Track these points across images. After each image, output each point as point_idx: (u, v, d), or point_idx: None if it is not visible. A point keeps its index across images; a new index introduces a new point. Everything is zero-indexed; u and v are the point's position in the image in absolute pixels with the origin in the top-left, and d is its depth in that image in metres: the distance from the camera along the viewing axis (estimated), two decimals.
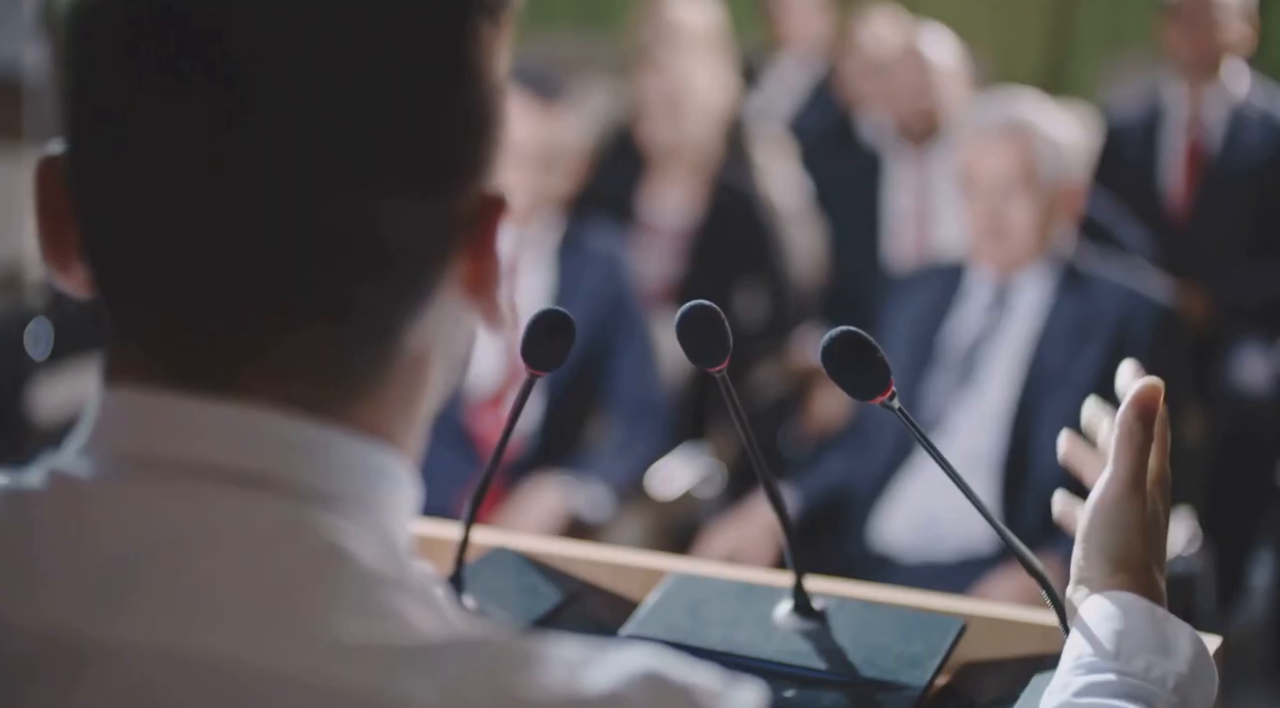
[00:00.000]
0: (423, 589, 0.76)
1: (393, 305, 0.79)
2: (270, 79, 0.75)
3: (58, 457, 0.80)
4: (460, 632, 0.74)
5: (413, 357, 0.81)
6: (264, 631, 0.72)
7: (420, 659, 0.72)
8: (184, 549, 0.74)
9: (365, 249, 0.77)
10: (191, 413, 0.77)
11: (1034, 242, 3.03)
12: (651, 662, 0.74)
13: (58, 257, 0.81)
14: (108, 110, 0.77)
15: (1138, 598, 1.14)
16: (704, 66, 4.42)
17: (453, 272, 0.81)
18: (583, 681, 0.72)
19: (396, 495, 0.81)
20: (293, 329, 0.77)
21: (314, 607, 0.73)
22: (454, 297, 0.82)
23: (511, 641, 0.74)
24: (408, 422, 0.83)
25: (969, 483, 1.25)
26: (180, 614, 0.73)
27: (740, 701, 0.75)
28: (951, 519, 2.98)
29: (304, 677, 0.71)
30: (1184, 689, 1.10)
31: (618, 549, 1.59)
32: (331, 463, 0.78)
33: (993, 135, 3.06)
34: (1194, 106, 4.27)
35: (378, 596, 0.74)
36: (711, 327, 1.23)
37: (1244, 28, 4.28)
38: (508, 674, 0.72)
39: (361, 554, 0.75)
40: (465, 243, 0.81)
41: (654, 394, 3.44)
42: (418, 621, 0.74)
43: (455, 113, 0.79)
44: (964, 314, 3.13)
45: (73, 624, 0.73)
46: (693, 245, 4.18)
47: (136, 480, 0.76)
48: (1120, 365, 1.29)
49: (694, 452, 3.77)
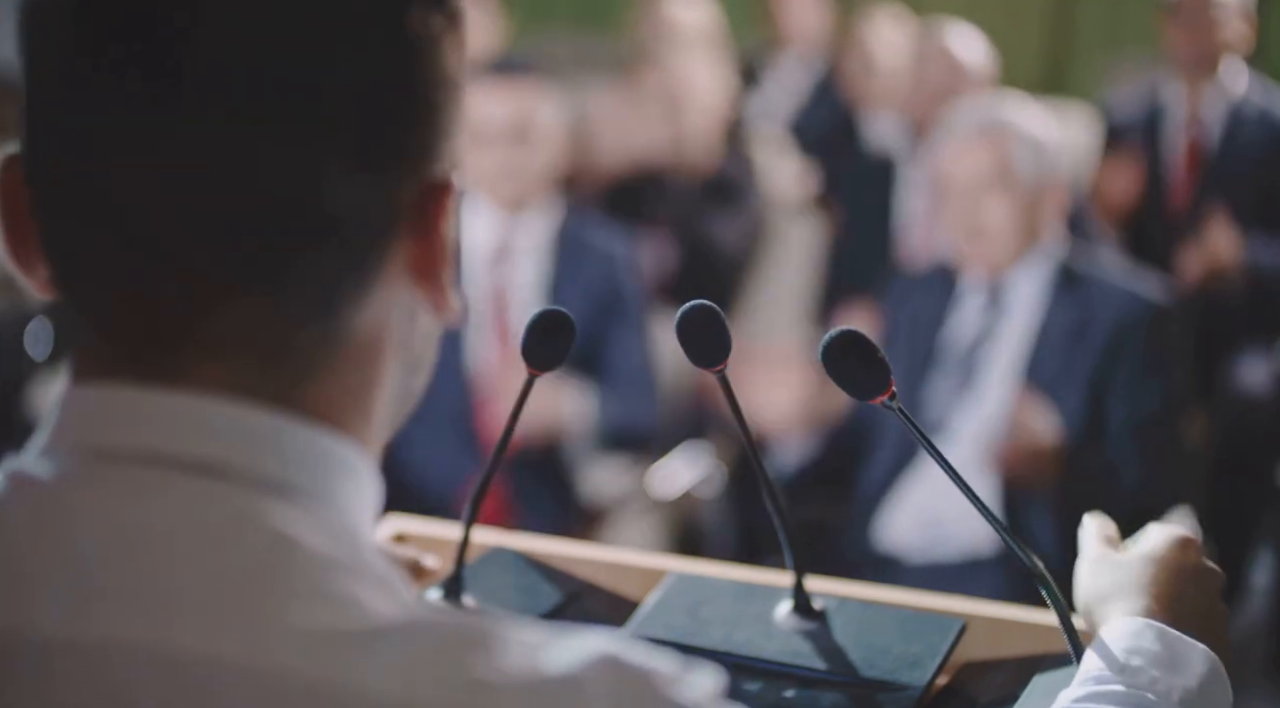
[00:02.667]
0: (378, 574, 0.76)
1: (332, 280, 0.79)
2: (218, 53, 0.76)
3: (19, 457, 0.80)
4: (416, 615, 0.74)
5: (361, 343, 0.81)
6: (219, 622, 0.72)
7: (375, 643, 0.72)
8: (138, 544, 0.75)
9: (304, 218, 0.78)
10: (143, 403, 0.78)
11: (1015, 241, 3.04)
12: (609, 646, 0.74)
13: (22, 257, 0.82)
14: (54, 97, 0.78)
15: (1150, 621, 1.15)
16: (702, 66, 4.43)
17: (397, 255, 0.81)
18: (541, 662, 0.72)
19: (350, 484, 0.81)
20: (232, 302, 0.78)
21: (267, 596, 0.73)
22: (401, 283, 0.82)
23: (468, 622, 0.74)
24: (361, 412, 0.83)
25: (971, 484, 1.25)
26: (137, 609, 0.73)
27: (698, 685, 0.75)
28: (955, 520, 2.98)
29: (260, 667, 0.71)
30: (1191, 703, 1.11)
31: (618, 549, 1.59)
32: (282, 451, 0.78)
33: (967, 137, 3.07)
34: (1193, 105, 4.27)
35: (331, 582, 0.74)
36: (711, 327, 1.23)
37: (1243, 27, 4.29)
38: (464, 655, 0.72)
39: (311, 542, 0.75)
40: (410, 226, 0.81)
41: (647, 379, 3.43)
42: (372, 605, 0.74)
43: (399, 96, 0.80)
44: (961, 316, 3.14)
45: (34, 623, 0.74)
46: (691, 243, 4.18)
47: (92, 476, 0.77)
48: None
49: (694, 452, 3.77)
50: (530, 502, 3.25)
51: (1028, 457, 2.92)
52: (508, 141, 3.29)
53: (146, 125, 0.76)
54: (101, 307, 0.79)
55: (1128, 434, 2.95)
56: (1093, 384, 2.96)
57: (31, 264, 0.82)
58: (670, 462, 3.66)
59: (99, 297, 0.79)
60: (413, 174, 0.81)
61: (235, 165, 0.76)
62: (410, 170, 0.81)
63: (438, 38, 0.81)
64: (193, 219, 0.77)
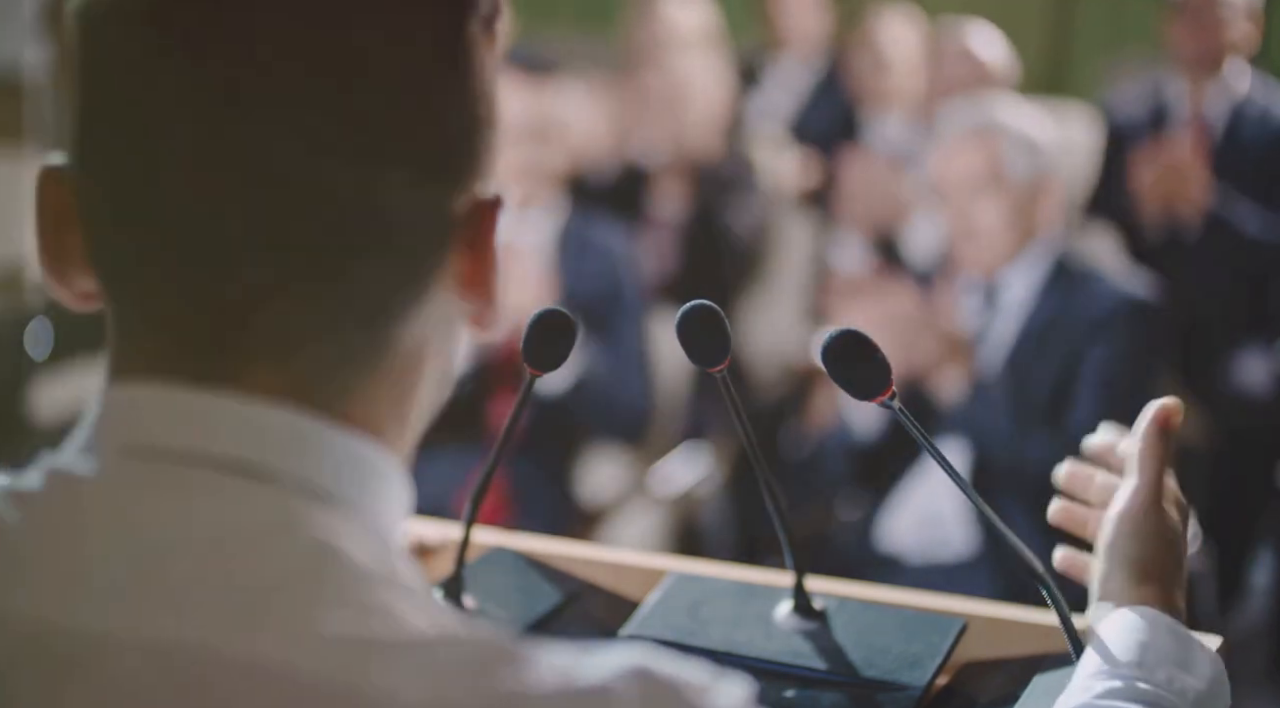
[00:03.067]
0: (414, 588, 0.77)
1: (388, 289, 0.80)
2: (277, 53, 0.76)
3: (58, 455, 0.80)
4: (451, 630, 0.74)
5: (407, 353, 0.82)
6: (256, 625, 0.73)
7: (408, 654, 0.72)
8: (177, 546, 0.75)
9: (363, 225, 0.78)
10: (192, 404, 0.78)
11: (1007, 242, 3.05)
12: (641, 658, 0.74)
13: (58, 268, 0.82)
14: (117, 102, 0.78)
15: (1162, 614, 1.14)
16: (701, 66, 4.43)
17: (449, 268, 0.82)
18: (571, 675, 0.73)
19: (387, 494, 0.82)
20: (286, 304, 0.78)
21: (306, 602, 0.73)
22: (449, 295, 0.83)
23: (501, 640, 0.75)
24: (399, 421, 0.83)
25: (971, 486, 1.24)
26: (171, 611, 0.73)
27: (729, 694, 0.75)
28: (956, 520, 2.98)
29: (293, 672, 0.71)
30: (1202, 705, 1.10)
31: (618, 549, 1.59)
32: (326, 458, 0.79)
33: (958, 139, 3.08)
34: (1196, 103, 4.27)
35: (368, 592, 0.74)
36: (711, 326, 1.23)
37: (1248, 27, 4.29)
38: (496, 670, 0.72)
39: (353, 552, 0.76)
40: (462, 240, 0.82)
41: (639, 365, 3.42)
42: (408, 617, 0.74)
43: (453, 108, 0.81)
44: (958, 318, 3.14)
45: (64, 622, 0.74)
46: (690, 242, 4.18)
47: (133, 475, 0.77)
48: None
49: (694, 452, 3.77)
50: (530, 502, 3.25)
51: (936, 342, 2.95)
52: (528, 141, 3.29)
53: (213, 133, 0.76)
54: (155, 309, 0.79)
55: (1092, 423, 2.95)
56: (1061, 373, 2.97)
57: (68, 276, 0.82)
58: (670, 462, 3.66)
59: (154, 299, 0.79)
60: (467, 188, 0.82)
61: (298, 172, 0.77)
62: (465, 184, 0.82)
63: (484, 54, 0.82)
64: (254, 224, 0.77)
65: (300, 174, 0.77)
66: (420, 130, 0.79)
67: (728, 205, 4.27)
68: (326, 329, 0.79)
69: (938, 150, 3.16)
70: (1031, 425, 2.91)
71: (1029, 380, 2.99)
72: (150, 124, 0.77)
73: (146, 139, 0.78)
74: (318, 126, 0.77)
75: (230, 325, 0.78)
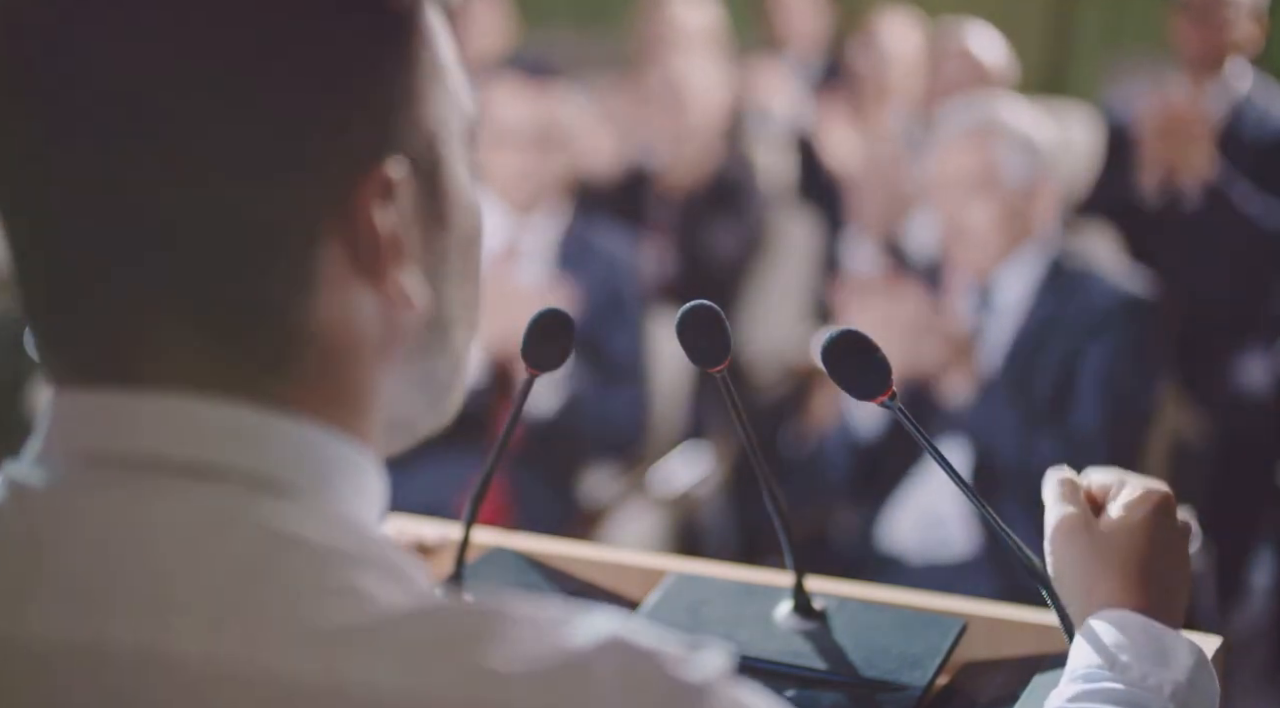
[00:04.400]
0: (387, 563, 0.76)
1: (261, 285, 0.78)
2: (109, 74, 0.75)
3: (13, 464, 0.80)
4: (422, 603, 0.74)
5: (325, 342, 0.80)
6: (219, 623, 0.72)
7: (381, 636, 0.72)
8: (135, 549, 0.74)
9: (231, 230, 0.76)
10: (129, 407, 0.78)
11: (1002, 242, 3.05)
12: (617, 628, 0.74)
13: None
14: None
15: (1131, 613, 1.14)
16: (703, 66, 4.43)
17: (335, 254, 0.79)
18: (549, 646, 0.72)
19: (352, 480, 0.80)
20: (178, 319, 0.77)
21: (268, 595, 0.73)
22: (348, 282, 0.80)
23: (475, 608, 0.74)
24: (355, 411, 0.82)
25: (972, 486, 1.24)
26: (135, 613, 0.73)
27: (706, 663, 0.75)
28: (957, 521, 2.98)
29: (262, 667, 0.71)
30: (1182, 697, 1.10)
31: (618, 549, 1.59)
32: (273, 448, 0.78)
33: (954, 140, 3.09)
34: (1196, 101, 4.26)
35: (333, 575, 0.74)
36: (711, 327, 1.23)
37: (1252, 28, 4.29)
38: (472, 644, 0.72)
39: (311, 536, 0.75)
40: (334, 225, 0.79)
41: (636, 378, 3.42)
42: (379, 595, 0.73)
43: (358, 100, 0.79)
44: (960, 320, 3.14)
45: (31, 629, 0.74)
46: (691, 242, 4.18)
47: (86, 483, 0.77)
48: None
49: (694, 452, 3.77)
50: (530, 502, 3.25)
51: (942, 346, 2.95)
52: (529, 147, 3.28)
53: (48, 147, 0.76)
54: (52, 318, 0.80)
55: (1094, 422, 2.95)
56: (1061, 372, 2.97)
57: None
58: (670, 462, 3.66)
59: (47, 307, 0.80)
60: (329, 172, 0.78)
61: (136, 179, 0.76)
62: (326, 169, 0.78)
63: (426, 23, 0.81)
64: (113, 234, 0.76)
65: (135, 197, 0.76)
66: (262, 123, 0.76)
67: (728, 205, 4.27)
68: (215, 330, 0.78)
69: (934, 150, 3.16)
70: (1033, 426, 2.91)
71: (1028, 381, 2.99)
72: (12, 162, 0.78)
73: (11, 175, 0.78)
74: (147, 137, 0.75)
75: (125, 336, 0.78)
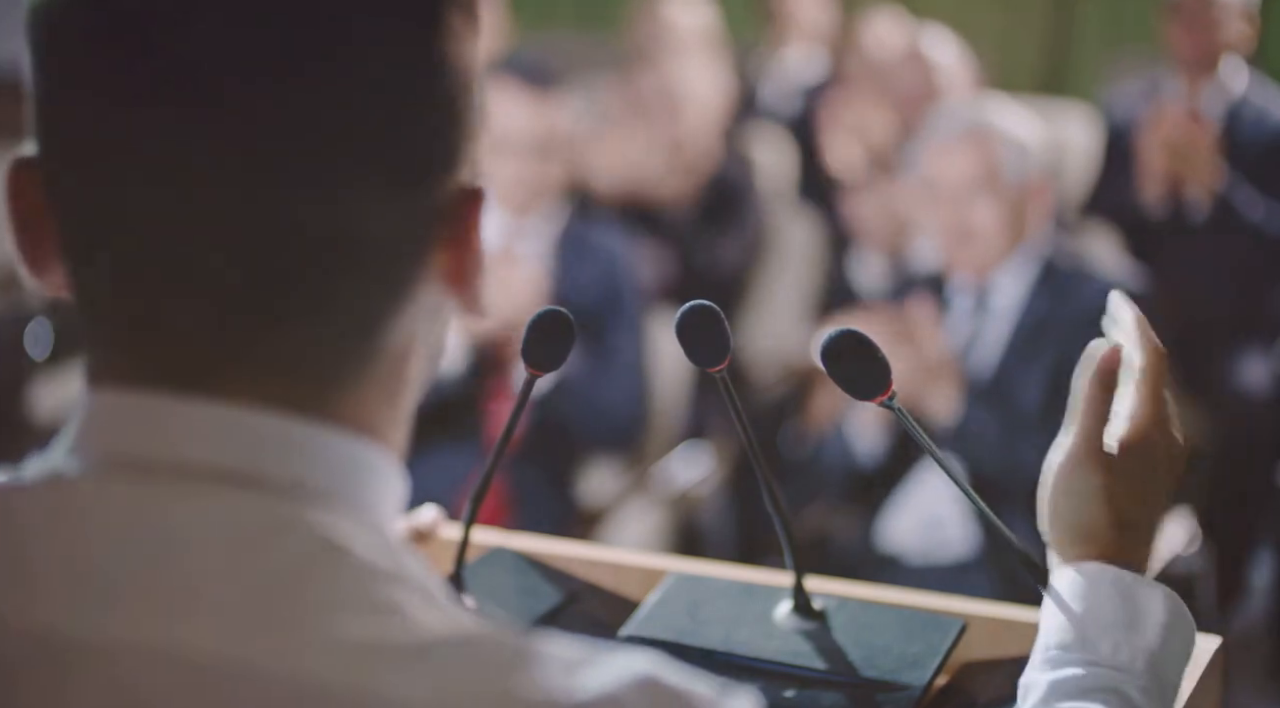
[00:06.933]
0: (422, 583, 0.76)
1: (373, 304, 0.79)
2: (238, 79, 0.74)
3: (46, 457, 0.79)
4: (460, 628, 0.74)
5: (396, 352, 0.81)
6: (259, 630, 0.72)
7: (418, 656, 0.72)
8: (175, 550, 0.74)
9: (342, 249, 0.76)
10: (175, 413, 0.76)
11: (1003, 243, 3.05)
12: (649, 666, 0.74)
13: (36, 259, 0.80)
14: (75, 118, 0.76)
15: (1105, 566, 1.13)
16: (701, 67, 4.43)
17: (432, 266, 0.80)
18: (579, 682, 0.72)
19: (384, 491, 0.81)
20: (272, 329, 0.77)
21: (310, 605, 0.73)
22: (434, 290, 0.81)
23: (510, 638, 0.74)
24: (392, 417, 0.82)
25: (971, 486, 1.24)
26: (171, 615, 0.72)
27: (737, 706, 0.75)
28: (956, 521, 2.98)
29: (292, 675, 0.71)
30: (1156, 665, 1.09)
31: (618, 549, 1.59)
32: (318, 459, 0.77)
33: (953, 141, 3.08)
34: (1192, 103, 4.27)
35: (376, 591, 0.74)
36: (711, 327, 1.23)
37: (1244, 27, 4.29)
38: (505, 673, 0.72)
39: (356, 550, 0.75)
40: (443, 236, 0.80)
41: (634, 378, 3.42)
42: (417, 615, 0.73)
43: (427, 107, 0.78)
44: (951, 322, 3.14)
45: (63, 626, 0.73)
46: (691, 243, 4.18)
47: (125, 482, 0.76)
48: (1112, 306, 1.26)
49: (694, 452, 3.77)
50: (530, 502, 3.25)
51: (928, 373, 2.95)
52: (529, 154, 3.27)
53: (165, 149, 0.74)
54: (121, 322, 0.78)
55: None
56: (1052, 372, 2.97)
57: (46, 265, 0.80)
58: (670, 462, 3.66)
59: (124, 310, 0.77)
60: (446, 182, 0.79)
61: (270, 197, 0.75)
62: (441, 180, 0.79)
63: (462, 39, 0.79)
64: (218, 246, 0.75)
65: (266, 204, 0.74)
66: (393, 139, 0.77)
67: (728, 206, 4.27)
68: (308, 349, 0.77)
69: (929, 151, 3.15)
70: (1025, 428, 2.91)
71: (1023, 382, 2.98)
72: (105, 149, 0.75)
73: (100, 154, 0.75)
74: (282, 153, 0.74)
75: (201, 352, 0.76)
